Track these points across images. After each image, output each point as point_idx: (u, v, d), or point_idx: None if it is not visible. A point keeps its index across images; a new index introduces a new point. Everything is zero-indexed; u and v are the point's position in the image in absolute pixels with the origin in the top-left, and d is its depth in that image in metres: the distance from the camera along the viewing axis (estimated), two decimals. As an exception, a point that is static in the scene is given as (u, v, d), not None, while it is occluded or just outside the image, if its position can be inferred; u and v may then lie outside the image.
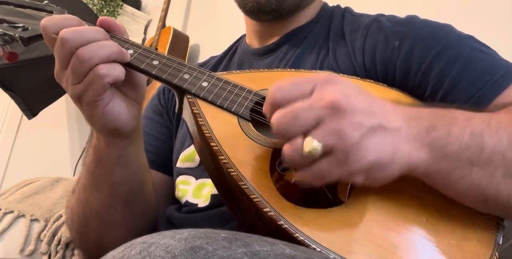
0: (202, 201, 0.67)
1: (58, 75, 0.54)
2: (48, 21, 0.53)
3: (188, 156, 0.73)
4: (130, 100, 0.57)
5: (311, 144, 0.42)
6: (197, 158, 0.71)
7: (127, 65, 0.55)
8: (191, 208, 0.68)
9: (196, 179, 0.71)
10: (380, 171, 0.45)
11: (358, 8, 0.81)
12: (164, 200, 0.75)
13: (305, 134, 0.43)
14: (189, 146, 0.74)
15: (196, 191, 0.69)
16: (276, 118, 0.43)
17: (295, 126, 0.43)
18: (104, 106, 0.53)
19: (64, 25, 0.52)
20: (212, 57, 0.91)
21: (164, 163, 0.78)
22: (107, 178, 0.61)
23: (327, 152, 0.42)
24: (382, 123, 0.44)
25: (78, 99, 0.53)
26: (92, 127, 0.58)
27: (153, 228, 0.71)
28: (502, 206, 0.48)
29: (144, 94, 0.60)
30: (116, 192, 0.63)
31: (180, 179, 0.73)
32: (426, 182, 0.48)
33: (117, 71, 0.52)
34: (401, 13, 0.72)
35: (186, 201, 0.70)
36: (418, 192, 0.50)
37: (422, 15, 0.70)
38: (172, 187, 0.76)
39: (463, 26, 0.68)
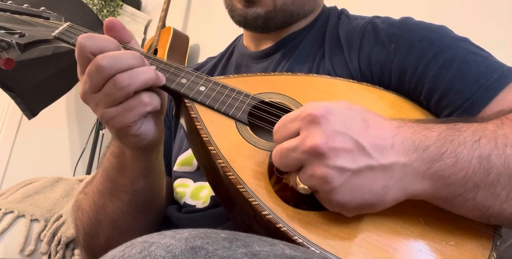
0: (201, 203, 0.67)
1: (87, 97, 0.52)
2: (87, 40, 0.51)
3: (185, 160, 0.73)
4: (157, 114, 0.57)
5: (300, 184, 0.45)
6: (194, 163, 0.71)
7: None
8: (189, 208, 0.68)
9: (194, 182, 0.71)
10: (369, 210, 0.46)
11: (355, 8, 0.81)
12: (167, 201, 0.75)
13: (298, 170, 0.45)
14: (186, 150, 0.74)
15: (194, 193, 0.69)
16: (272, 154, 0.47)
17: (285, 165, 0.46)
18: (137, 129, 0.53)
19: (103, 48, 0.51)
20: (209, 58, 0.91)
21: (167, 165, 0.78)
22: (129, 187, 0.61)
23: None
24: (369, 164, 0.43)
25: (108, 122, 0.52)
26: (121, 143, 0.58)
27: None
28: (505, 222, 0.48)
29: (166, 105, 0.60)
30: (136, 199, 0.63)
31: (178, 182, 0.73)
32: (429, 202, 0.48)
33: (157, 100, 0.53)
34: (399, 14, 0.72)
35: (184, 202, 0.70)
36: None
37: (420, 16, 0.70)
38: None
39: (463, 26, 0.68)
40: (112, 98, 0.50)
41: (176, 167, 0.74)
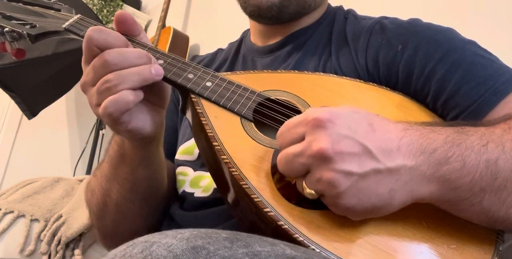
0: (200, 192, 0.67)
1: (86, 88, 0.52)
2: (96, 33, 0.51)
3: (186, 149, 0.74)
4: (154, 107, 0.57)
5: (307, 189, 0.44)
6: (195, 152, 0.72)
7: None
8: (190, 202, 0.68)
9: (194, 171, 0.71)
10: (376, 214, 0.45)
11: (359, 8, 0.81)
12: (171, 189, 0.75)
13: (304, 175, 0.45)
14: (189, 139, 0.74)
15: (193, 181, 0.70)
16: (277, 160, 0.46)
17: (291, 170, 0.45)
18: (127, 125, 0.52)
19: (111, 44, 0.51)
20: (220, 49, 0.92)
21: (173, 152, 0.78)
22: (130, 175, 0.62)
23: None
24: (376, 167, 0.43)
25: (100, 118, 0.52)
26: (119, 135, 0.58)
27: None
28: (510, 227, 0.48)
29: (169, 98, 0.59)
30: (137, 188, 0.63)
31: (179, 170, 0.74)
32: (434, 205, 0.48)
33: (123, 104, 0.49)
34: (403, 15, 0.72)
35: (183, 190, 0.70)
36: None
37: (423, 16, 0.70)
38: None
39: (463, 26, 0.68)
40: (101, 96, 0.50)
41: (178, 156, 0.75)
